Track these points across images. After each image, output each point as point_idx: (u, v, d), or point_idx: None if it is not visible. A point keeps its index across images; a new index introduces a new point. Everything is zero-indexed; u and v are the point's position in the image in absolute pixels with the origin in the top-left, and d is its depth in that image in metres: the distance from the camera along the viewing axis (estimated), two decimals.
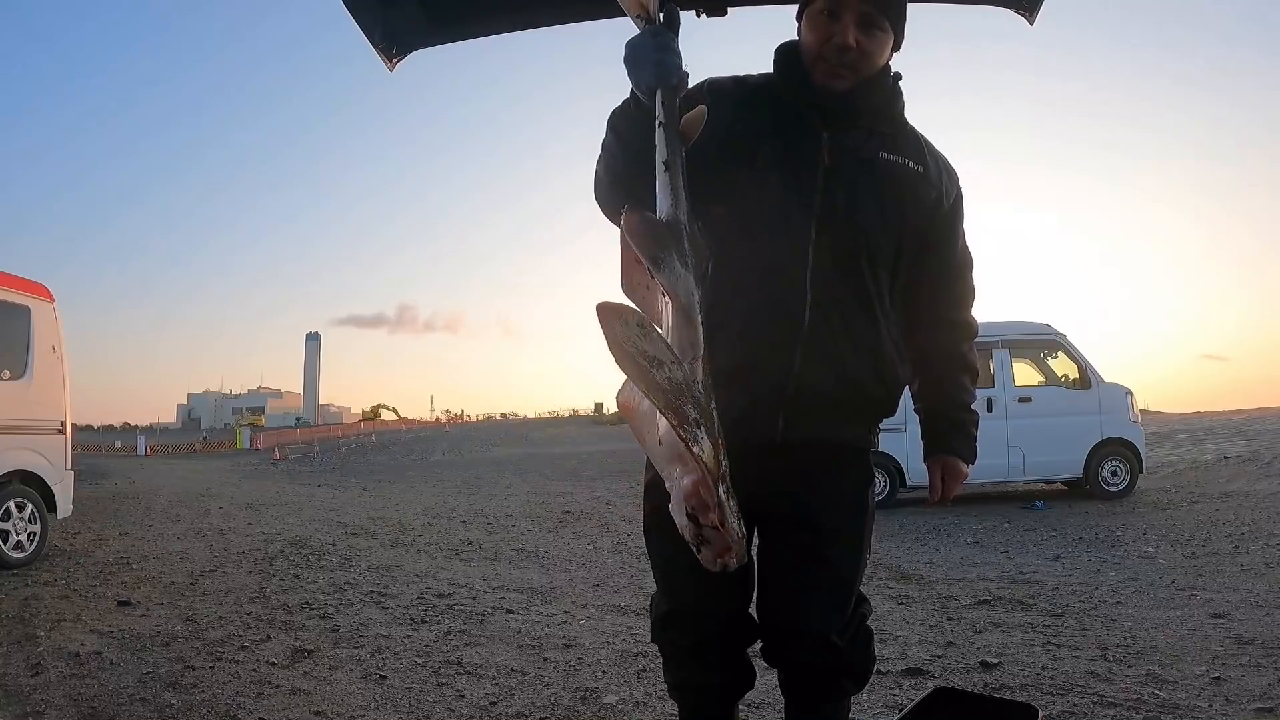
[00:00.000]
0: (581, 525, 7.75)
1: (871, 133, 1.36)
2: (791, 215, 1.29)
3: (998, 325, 8.64)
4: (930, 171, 1.39)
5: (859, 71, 1.31)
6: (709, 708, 1.46)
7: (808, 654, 1.37)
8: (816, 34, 1.31)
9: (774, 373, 1.27)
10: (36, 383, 5.62)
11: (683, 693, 1.49)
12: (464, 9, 1.90)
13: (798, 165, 1.31)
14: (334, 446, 34.40)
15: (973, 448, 1.48)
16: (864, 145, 1.34)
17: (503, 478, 15.23)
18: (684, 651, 1.44)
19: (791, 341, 1.28)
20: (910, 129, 1.42)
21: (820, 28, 1.30)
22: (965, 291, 1.50)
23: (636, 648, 3.25)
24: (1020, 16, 1.78)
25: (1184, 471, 10.28)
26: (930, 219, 1.39)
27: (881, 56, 1.33)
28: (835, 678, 1.42)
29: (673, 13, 1.23)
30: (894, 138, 1.38)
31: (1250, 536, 5.58)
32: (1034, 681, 2.70)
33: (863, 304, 1.32)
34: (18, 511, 5.31)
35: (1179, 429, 18.14)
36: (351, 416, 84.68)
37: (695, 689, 1.46)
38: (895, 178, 1.35)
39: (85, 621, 3.76)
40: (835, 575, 1.36)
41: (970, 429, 1.48)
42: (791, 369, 1.27)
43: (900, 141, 1.38)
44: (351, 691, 2.77)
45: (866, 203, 1.32)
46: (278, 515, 8.69)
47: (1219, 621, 3.41)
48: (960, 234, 1.47)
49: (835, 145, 1.32)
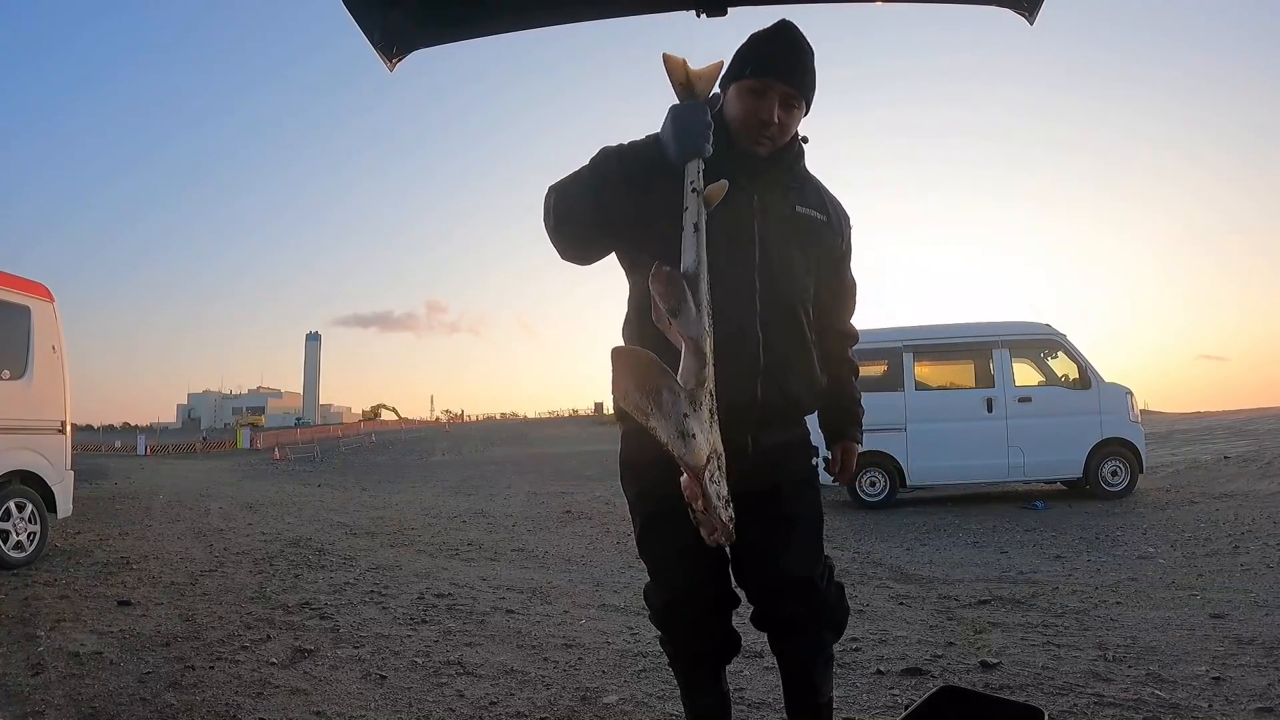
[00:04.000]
0: (581, 525, 7.75)
1: (786, 189, 1.62)
2: (737, 268, 1.53)
3: (998, 325, 8.65)
4: (831, 219, 1.69)
5: (777, 142, 1.57)
6: (704, 672, 1.73)
7: (796, 602, 1.62)
8: (744, 107, 1.54)
9: (742, 400, 1.52)
10: (36, 383, 5.62)
11: (681, 661, 1.73)
12: (464, 9, 1.90)
13: (736, 223, 1.54)
14: (334, 446, 34.41)
15: (861, 431, 1.84)
16: (783, 201, 1.61)
17: (503, 478, 15.24)
18: (682, 628, 1.69)
19: (752, 374, 1.54)
20: (813, 181, 1.70)
21: (747, 103, 1.54)
22: (850, 308, 1.85)
23: (636, 648, 3.25)
24: (1020, 16, 1.78)
25: (1184, 471, 10.28)
26: (833, 258, 1.72)
27: (795, 127, 1.60)
28: (819, 631, 1.66)
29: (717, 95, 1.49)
30: (801, 190, 1.65)
31: (1250, 536, 5.58)
32: (1034, 681, 2.70)
33: (799, 340, 1.62)
34: (18, 511, 5.31)
35: (1179, 429, 18.15)
36: (351, 416, 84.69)
37: (692, 655, 1.72)
38: (809, 229, 1.64)
39: (85, 621, 3.76)
40: (805, 530, 1.65)
41: (859, 417, 1.84)
42: (755, 396, 1.55)
43: (808, 194, 1.66)
44: (351, 691, 2.77)
45: (792, 253, 1.60)
46: (278, 515, 8.70)
47: (1219, 621, 3.41)
48: (849, 265, 1.80)
49: (762, 203, 1.58)
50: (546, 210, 1.51)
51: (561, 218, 1.50)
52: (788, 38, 1.53)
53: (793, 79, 1.53)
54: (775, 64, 1.52)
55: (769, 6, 1.80)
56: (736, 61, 1.55)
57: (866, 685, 2.75)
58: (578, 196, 1.49)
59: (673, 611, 1.69)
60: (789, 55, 1.53)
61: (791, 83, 1.53)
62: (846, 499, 8.48)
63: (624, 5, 1.89)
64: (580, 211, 1.49)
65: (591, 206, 1.48)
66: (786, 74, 1.52)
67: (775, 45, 1.53)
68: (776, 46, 1.53)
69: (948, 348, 8.76)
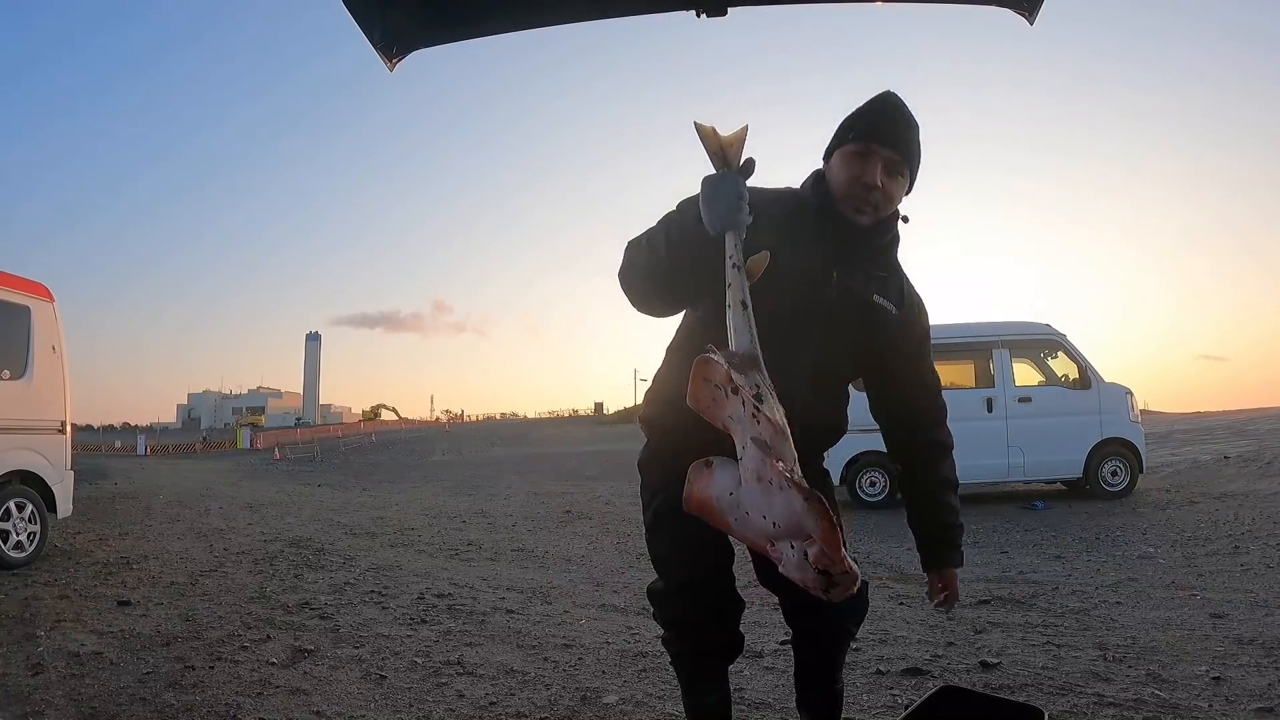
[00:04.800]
0: (581, 525, 7.75)
1: (870, 276, 1.60)
2: (796, 339, 1.54)
3: (998, 325, 8.65)
4: (906, 314, 1.65)
5: (879, 211, 1.54)
6: (710, 671, 1.74)
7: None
8: (847, 173, 1.53)
9: None
10: (36, 383, 5.62)
11: (686, 659, 1.75)
12: (464, 9, 1.90)
13: (809, 294, 1.53)
14: (334, 446, 34.43)
15: (961, 553, 1.74)
16: (863, 288, 1.58)
17: (503, 478, 15.24)
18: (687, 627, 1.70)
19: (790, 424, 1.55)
20: (899, 271, 1.67)
21: (851, 167, 1.52)
22: (935, 412, 1.74)
23: (636, 648, 3.25)
24: (1020, 17, 1.78)
25: (1184, 471, 10.28)
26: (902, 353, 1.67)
27: (899, 198, 1.57)
28: (845, 625, 1.71)
29: (749, 161, 1.40)
30: (886, 281, 1.62)
31: (1250, 536, 5.58)
32: (1034, 681, 2.70)
33: (834, 405, 1.67)
34: (18, 511, 5.31)
35: (1179, 429, 18.15)
36: (351, 416, 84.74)
37: (699, 653, 1.72)
38: (880, 322, 1.61)
39: (85, 621, 3.76)
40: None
41: (958, 540, 1.73)
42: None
43: (890, 285, 1.63)
44: (351, 691, 2.77)
45: (854, 342, 1.60)
46: (278, 515, 8.70)
47: (1219, 621, 3.41)
48: (928, 359, 1.74)
49: (841, 285, 1.56)
50: (621, 269, 1.54)
51: (625, 283, 1.54)
52: (893, 105, 1.55)
53: (897, 144, 1.53)
54: (879, 129, 1.52)
55: (769, 7, 1.81)
56: (840, 130, 1.56)
57: (866, 685, 2.75)
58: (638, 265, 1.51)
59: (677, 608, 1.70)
60: (894, 121, 1.54)
61: (896, 148, 1.52)
62: (846, 499, 8.48)
63: (624, 5, 1.89)
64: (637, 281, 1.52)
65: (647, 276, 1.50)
66: (891, 139, 1.52)
67: (879, 112, 1.54)
68: (880, 113, 1.54)
69: (947, 348, 8.75)
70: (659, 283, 1.50)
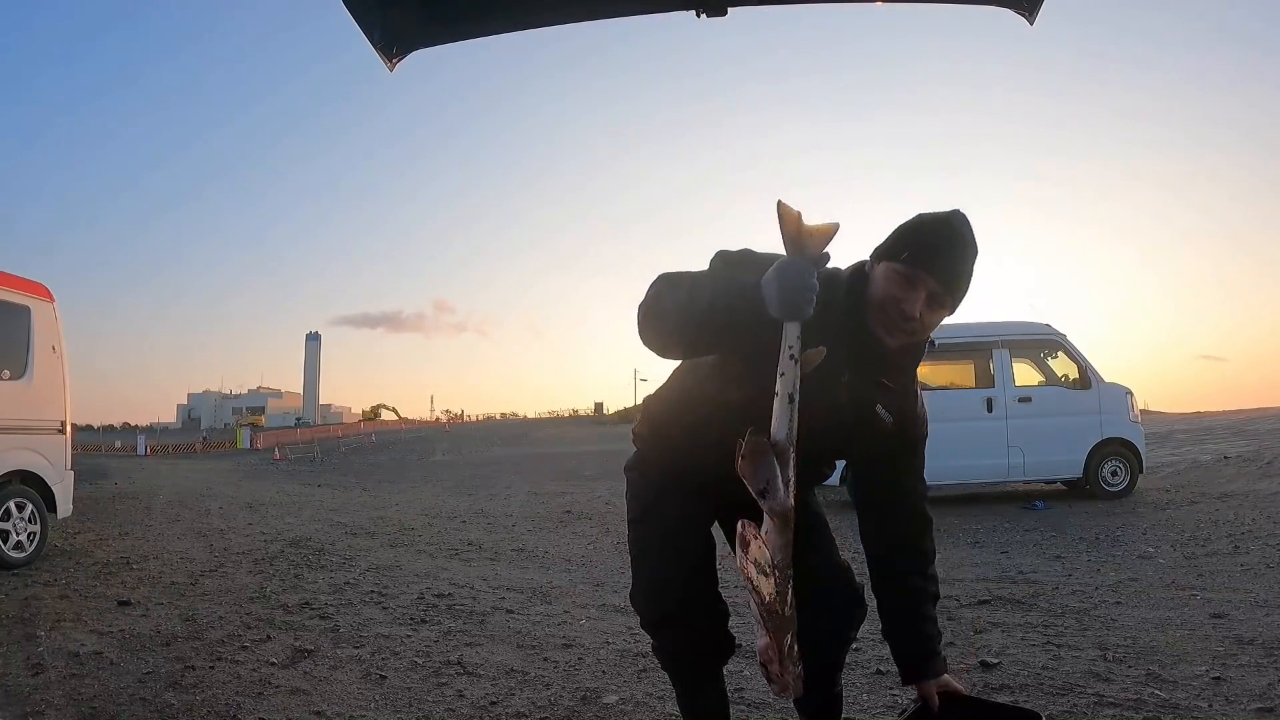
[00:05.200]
0: (581, 525, 7.76)
1: (880, 387, 1.56)
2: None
3: (998, 325, 8.64)
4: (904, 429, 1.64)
5: (911, 338, 1.50)
6: (703, 672, 1.76)
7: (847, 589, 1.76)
8: (890, 290, 1.45)
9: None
10: (36, 383, 5.62)
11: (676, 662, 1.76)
12: (464, 9, 1.90)
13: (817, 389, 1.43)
14: (334, 446, 34.43)
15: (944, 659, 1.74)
16: (870, 395, 1.56)
17: (503, 478, 15.24)
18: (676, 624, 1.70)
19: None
20: (910, 390, 1.64)
21: (893, 288, 1.45)
22: (919, 527, 1.72)
23: (636, 648, 3.25)
24: (1020, 17, 1.78)
25: (1184, 471, 10.28)
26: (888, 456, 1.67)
27: (935, 326, 1.51)
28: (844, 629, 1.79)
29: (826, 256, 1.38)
30: (892, 393, 1.59)
31: (1250, 536, 5.58)
32: (1034, 681, 2.70)
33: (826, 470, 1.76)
34: (18, 511, 5.31)
35: (1179, 429, 18.15)
36: (351, 416, 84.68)
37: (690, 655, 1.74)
38: (876, 428, 1.59)
39: (85, 621, 3.76)
40: (822, 532, 1.81)
41: (939, 648, 1.73)
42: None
43: (894, 398, 1.59)
44: (351, 691, 2.78)
45: (846, 445, 1.62)
46: (278, 515, 8.70)
47: (1219, 621, 3.41)
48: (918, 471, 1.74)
49: (852, 390, 1.53)
50: (643, 303, 1.49)
51: (649, 318, 1.47)
52: (954, 231, 1.45)
53: (947, 276, 1.44)
54: (933, 261, 1.42)
55: (769, 7, 1.81)
56: (894, 240, 1.47)
57: (866, 685, 2.75)
58: (669, 310, 1.45)
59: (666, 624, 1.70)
60: (950, 250, 1.44)
61: (945, 281, 1.43)
62: (846, 499, 8.47)
63: (624, 5, 1.90)
64: (667, 325, 1.46)
65: (678, 325, 1.45)
66: (942, 270, 1.43)
67: (939, 235, 1.44)
68: (940, 237, 1.44)
69: (947, 347, 8.75)
70: (689, 335, 1.45)
